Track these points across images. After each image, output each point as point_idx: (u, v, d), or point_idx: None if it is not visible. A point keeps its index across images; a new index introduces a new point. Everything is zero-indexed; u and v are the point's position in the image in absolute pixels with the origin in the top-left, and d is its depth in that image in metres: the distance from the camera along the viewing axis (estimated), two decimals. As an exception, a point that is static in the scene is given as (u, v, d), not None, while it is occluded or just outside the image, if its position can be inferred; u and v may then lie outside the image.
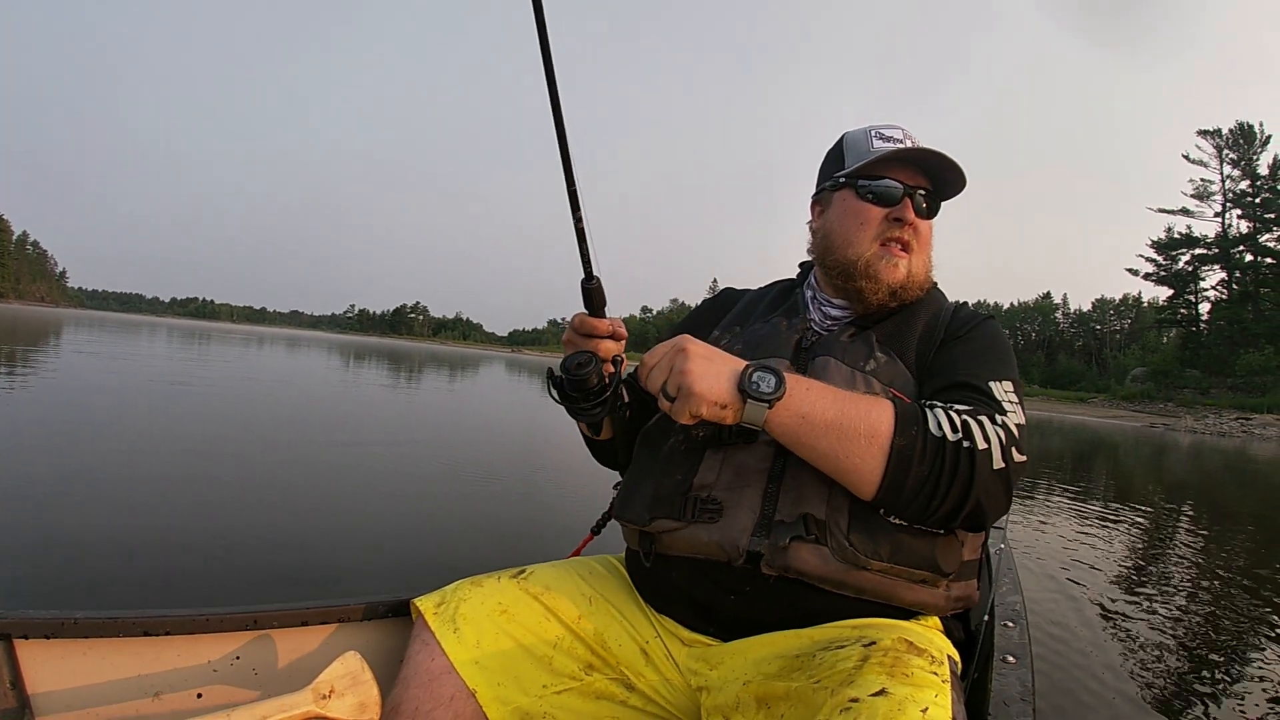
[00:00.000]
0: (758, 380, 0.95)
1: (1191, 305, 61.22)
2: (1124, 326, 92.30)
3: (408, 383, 17.73)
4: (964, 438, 0.96)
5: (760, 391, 0.95)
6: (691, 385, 0.95)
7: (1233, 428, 34.19)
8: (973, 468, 0.95)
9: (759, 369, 0.97)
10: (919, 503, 0.96)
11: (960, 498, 0.95)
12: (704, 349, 0.99)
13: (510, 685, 1.06)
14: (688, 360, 0.97)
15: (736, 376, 0.97)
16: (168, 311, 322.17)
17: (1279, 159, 56.43)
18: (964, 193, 1.24)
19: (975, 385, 1.06)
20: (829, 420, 0.96)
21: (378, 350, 47.87)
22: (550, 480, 5.90)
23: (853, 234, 1.23)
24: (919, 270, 1.24)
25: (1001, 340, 1.20)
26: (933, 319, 1.23)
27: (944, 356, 1.16)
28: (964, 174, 1.21)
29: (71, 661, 1.08)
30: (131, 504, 3.73)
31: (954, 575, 1.04)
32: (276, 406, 9.40)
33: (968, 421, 0.97)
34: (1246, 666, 2.90)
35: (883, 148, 1.20)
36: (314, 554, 3.23)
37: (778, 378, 0.96)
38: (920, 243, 1.24)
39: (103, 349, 17.93)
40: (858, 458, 0.95)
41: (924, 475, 0.95)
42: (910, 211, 1.21)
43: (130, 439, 5.69)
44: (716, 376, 0.96)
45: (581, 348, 1.12)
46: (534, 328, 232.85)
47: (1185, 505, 8.38)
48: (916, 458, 0.95)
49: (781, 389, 0.95)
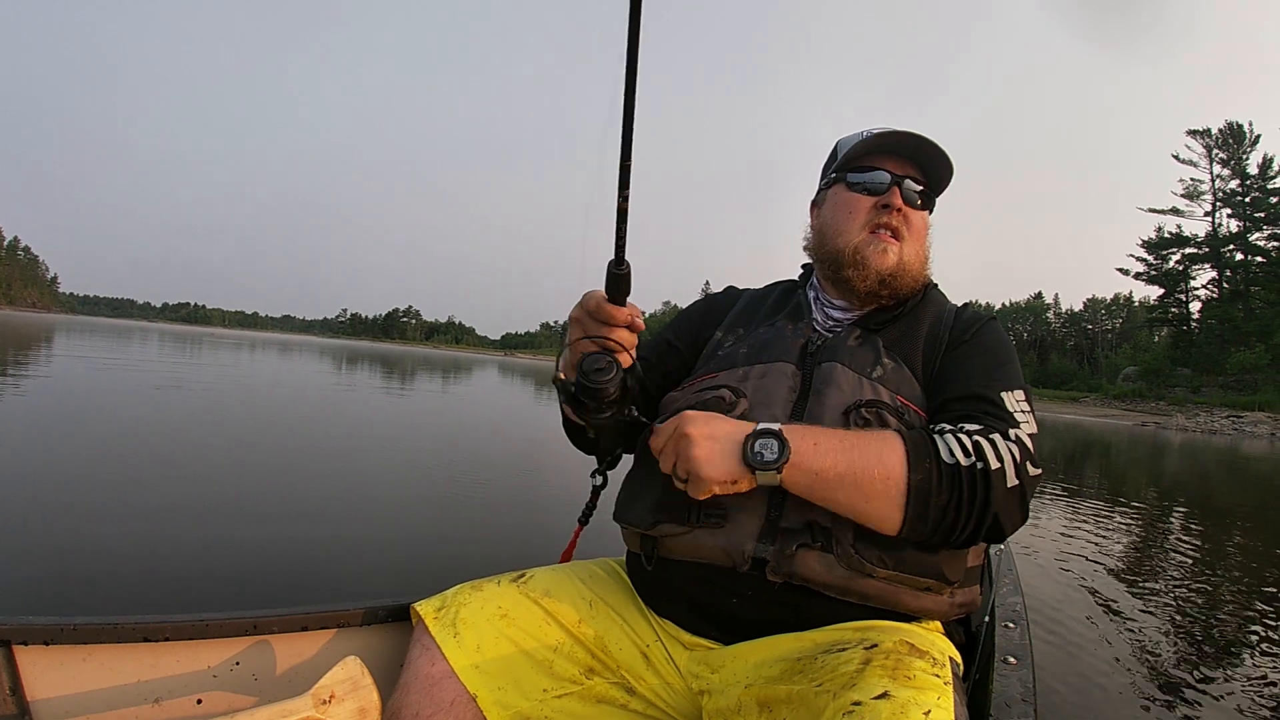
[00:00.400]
0: (760, 450, 0.95)
1: (1182, 304, 61.68)
2: (1115, 326, 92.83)
3: (402, 387, 17.69)
4: (977, 460, 0.95)
5: (765, 461, 0.95)
6: (699, 471, 0.95)
7: (1224, 425, 34.44)
8: (989, 489, 0.94)
9: (760, 436, 0.96)
10: (942, 532, 0.96)
11: (980, 520, 0.95)
12: (705, 427, 0.98)
13: (511, 690, 1.05)
14: (691, 446, 0.96)
15: (739, 449, 0.96)
16: (159, 317, 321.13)
17: (1269, 158, 56.88)
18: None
19: (987, 397, 1.06)
20: (841, 471, 0.95)
21: (370, 355, 47.80)
22: (547, 482, 5.90)
23: (843, 224, 1.24)
24: (911, 260, 1.24)
25: (1006, 343, 1.19)
26: (936, 321, 1.23)
27: (952, 363, 1.16)
28: (949, 158, 1.22)
29: (71, 668, 1.08)
30: (130, 509, 3.71)
31: (959, 582, 1.04)
32: (272, 411, 9.37)
33: (979, 442, 0.97)
34: (1247, 661, 2.92)
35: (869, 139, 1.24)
36: (313, 558, 3.22)
37: (779, 441, 0.95)
38: (912, 232, 1.24)
39: (96, 354, 17.83)
40: (877, 501, 0.95)
41: (943, 504, 0.95)
42: (898, 198, 1.22)
43: (127, 444, 5.66)
44: (721, 456, 0.96)
45: (591, 332, 1.01)
46: (527, 331, 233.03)
47: (1180, 502, 8.42)
48: (934, 490, 0.95)
49: (785, 453, 0.95)
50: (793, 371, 1.16)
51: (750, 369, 1.19)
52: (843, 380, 1.12)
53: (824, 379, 1.13)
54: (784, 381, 1.15)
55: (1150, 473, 12.47)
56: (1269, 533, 6.54)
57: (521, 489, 5.57)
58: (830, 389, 1.11)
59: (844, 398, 1.10)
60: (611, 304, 0.99)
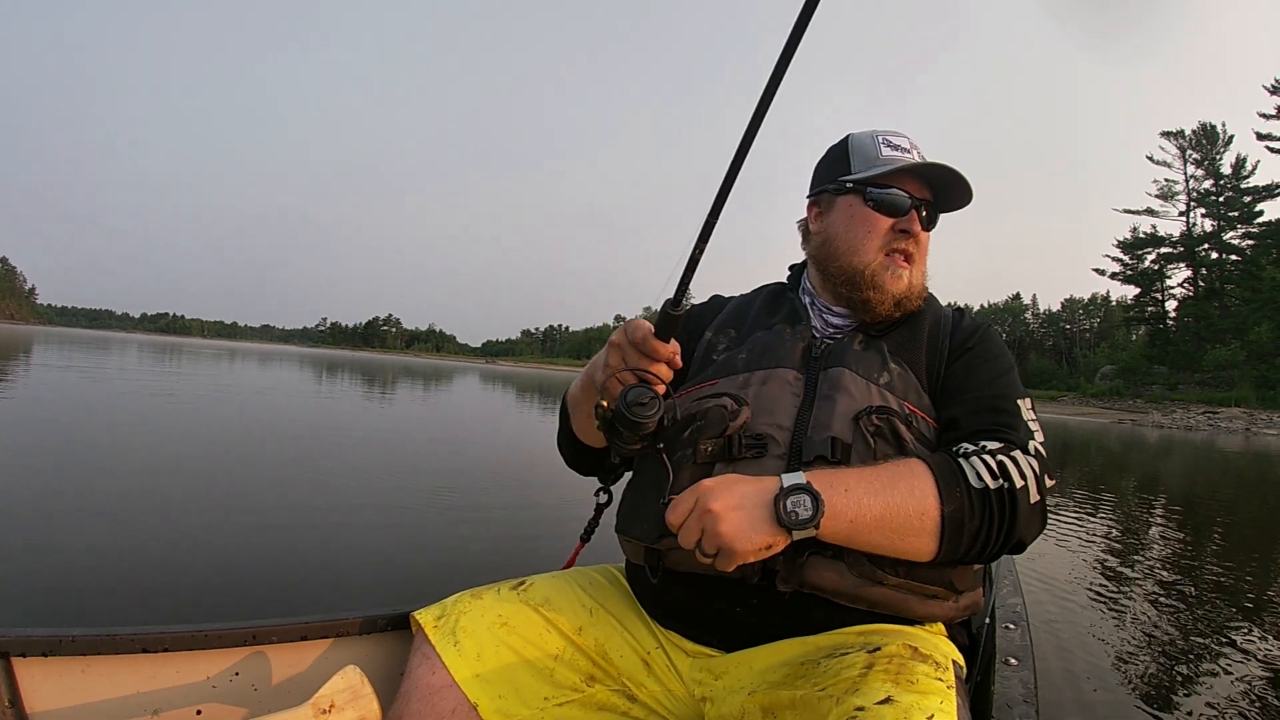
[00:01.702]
0: (794, 509, 0.90)
1: (1159, 303, 62.56)
2: (1093, 325, 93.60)
3: (389, 396, 17.60)
4: (1004, 480, 0.96)
5: (800, 520, 0.90)
6: (731, 545, 0.90)
7: (1199, 421, 34.91)
8: (1015, 508, 0.95)
9: (790, 494, 0.91)
10: (973, 553, 0.97)
11: (1008, 538, 0.96)
12: (729, 498, 0.92)
13: (511, 698, 1.05)
14: (718, 522, 0.90)
15: (771, 512, 0.91)
16: (138, 327, 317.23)
17: (1241, 158, 57.76)
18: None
19: (1004, 408, 1.08)
20: (878, 514, 0.93)
21: (351, 364, 47.42)
22: (545, 490, 5.87)
23: (859, 242, 1.21)
24: (918, 281, 1.23)
25: (1006, 349, 1.21)
26: (935, 327, 1.23)
27: (961, 372, 1.16)
28: (971, 191, 1.21)
29: (70, 679, 1.08)
30: (126, 521, 3.68)
31: (966, 588, 1.05)
32: (263, 422, 9.29)
33: (1003, 462, 0.97)
34: (1247, 658, 2.92)
35: (892, 156, 1.20)
36: (311, 568, 3.21)
37: (812, 497, 0.91)
38: (921, 253, 1.23)
39: (78, 365, 17.65)
40: (913, 537, 0.94)
41: (975, 530, 0.95)
42: (917, 224, 1.20)
43: (121, 456, 5.62)
44: (752, 525, 0.90)
45: (632, 363, 1.01)
46: (508, 338, 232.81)
47: (1167, 499, 8.50)
48: (966, 518, 0.95)
49: (821, 508, 0.90)
50: (795, 377, 1.15)
51: (751, 375, 1.16)
52: (851, 386, 1.11)
53: (831, 384, 1.11)
54: (787, 388, 1.13)
55: (1131, 470, 12.57)
56: (1253, 527, 6.63)
57: (519, 497, 5.56)
58: (839, 394, 1.09)
59: (854, 404, 1.08)
60: (658, 339, 0.99)
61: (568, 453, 1.36)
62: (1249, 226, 56.41)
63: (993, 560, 1.02)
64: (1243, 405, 40.51)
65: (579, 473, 1.38)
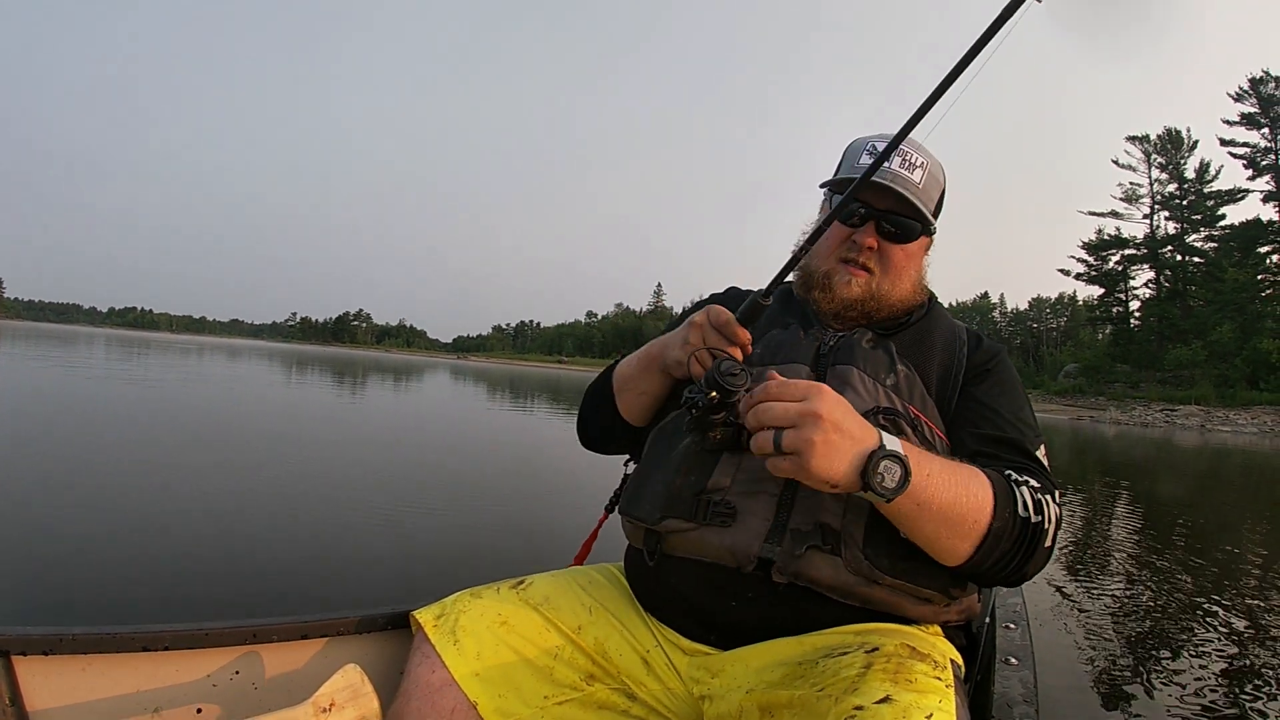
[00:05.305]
0: (884, 473, 0.88)
1: (1122, 303, 63.65)
2: (1060, 324, 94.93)
3: (354, 393, 17.45)
4: (1039, 517, 0.98)
5: (884, 487, 0.88)
6: (810, 463, 0.86)
7: (1156, 418, 35.79)
8: (1036, 546, 0.98)
9: (886, 457, 0.88)
10: (990, 574, 1.00)
11: (1018, 571, 0.99)
12: (839, 414, 0.89)
13: (511, 697, 1.05)
14: (818, 429, 0.86)
15: (862, 462, 0.88)
16: (105, 322, 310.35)
17: (1205, 163, 59.01)
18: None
19: (1030, 452, 1.09)
20: (944, 506, 0.93)
21: (322, 359, 46.88)
22: (543, 487, 5.88)
23: (821, 245, 1.23)
24: (890, 291, 1.23)
25: (1018, 378, 1.22)
26: (951, 341, 1.23)
27: (983, 398, 1.17)
28: (925, 217, 1.21)
29: (70, 678, 1.07)
30: (125, 520, 3.67)
31: (960, 594, 1.07)
32: (251, 420, 9.26)
33: (1040, 501, 1.00)
34: (1247, 656, 2.96)
35: (865, 165, 1.19)
36: (311, 567, 3.21)
37: (904, 470, 0.89)
38: (889, 265, 1.23)
39: (62, 360, 17.41)
40: (959, 539, 0.95)
41: (1005, 550, 0.97)
42: (870, 237, 1.21)
43: (117, 455, 5.60)
44: (841, 458, 0.87)
45: (711, 343, 1.08)
46: (478, 334, 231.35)
47: (1158, 495, 8.72)
48: (1005, 538, 0.97)
49: (906, 484, 0.89)
50: (807, 373, 1.15)
51: (765, 371, 1.12)
52: (858, 384, 1.12)
53: (839, 381, 1.12)
54: None
55: (1120, 466, 12.73)
56: (1262, 526, 6.77)
57: (518, 495, 5.55)
58: (846, 392, 1.07)
59: (861, 403, 1.07)
60: (738, 324, 1.08)
61: (598, 430, 1.37)
62: (1211, 230, 57.65)
63: (994, 584, 1.04)
64: (1202, 404, 41.34)
65: (602, 451, 1.40)
